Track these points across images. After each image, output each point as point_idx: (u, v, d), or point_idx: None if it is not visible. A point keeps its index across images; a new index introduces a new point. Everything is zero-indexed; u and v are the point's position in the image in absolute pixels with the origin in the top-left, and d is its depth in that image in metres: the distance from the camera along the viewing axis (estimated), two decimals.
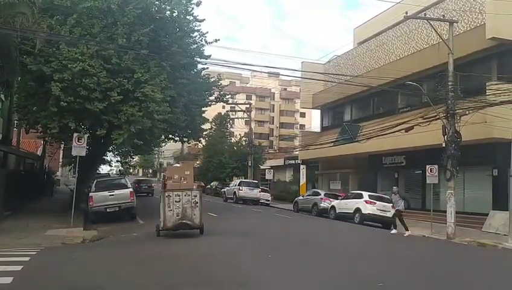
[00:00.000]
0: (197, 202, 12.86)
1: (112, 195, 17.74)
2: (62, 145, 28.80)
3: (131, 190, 18.75)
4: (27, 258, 9.32)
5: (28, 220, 15.99)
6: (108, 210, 17.53)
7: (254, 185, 34.02)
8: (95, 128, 17.19)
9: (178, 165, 19.49)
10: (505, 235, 17.08)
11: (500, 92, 17.53)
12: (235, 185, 34.08)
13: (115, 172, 52.37)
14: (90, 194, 17.86)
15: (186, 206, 12.73)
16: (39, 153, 32.16)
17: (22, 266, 8.44)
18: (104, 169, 42.75)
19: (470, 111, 17.57)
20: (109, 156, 30.16)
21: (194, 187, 13.47)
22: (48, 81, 15.52)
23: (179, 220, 12.66)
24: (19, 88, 18.46)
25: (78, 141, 15.99)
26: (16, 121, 22.90)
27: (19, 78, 17.26)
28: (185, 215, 12.71)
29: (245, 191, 32.74)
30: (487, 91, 18.78)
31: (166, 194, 12.80)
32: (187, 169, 14.02)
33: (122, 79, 16.13)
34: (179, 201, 12.71)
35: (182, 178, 13.28)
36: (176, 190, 12.85)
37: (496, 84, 18.74)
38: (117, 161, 32.73)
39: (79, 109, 15.96)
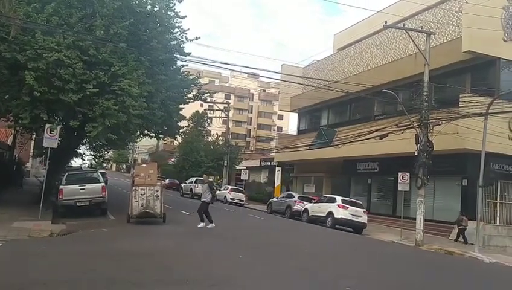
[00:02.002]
0: (159, 196, 15.44)
1: (83, 189, 17.34)
2: (33, 136, 28.03)
3: (103, 184, 18.34)
4: None
5: None
6: (78, 204, 17.12)
7: None
8: (68, 120, 16.77)
9: (144, 165, 21.54)
10: (471, 244, 17.54)
11: (472, 104, 18.01)
12: (192, 183, 36.58)
13: (87, 166, 51.40)
14: (60, 187, 17.43)
15: (149, 199, 15.32)
16: (9, 142, 31.25)
17: None
18: (76, 162, 41.99)
19: (443, 121, 17.99)
20: (82, 149, 29.58)
21: (158, 184, 16.05)
22: (22, 70, 15.07)
23: (143, 209, 15.23)
24: None
25: (50, 133, 15.59)
26: None
27: None
28: (148, 205, 15.29)
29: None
30: (460, 103, 19.28)
31: (134, 188, 15.39)
32: (151, 168, 16.56)
33: (99, 71, 15.79)
34: (144, 194, 15.29)
35: (147, 176, 15.77)
36: (141, 185, 15.41)
37: (469, 97, 19.26)
38: (90, 155, 32.13)
39: (52, 99, 15.53)
